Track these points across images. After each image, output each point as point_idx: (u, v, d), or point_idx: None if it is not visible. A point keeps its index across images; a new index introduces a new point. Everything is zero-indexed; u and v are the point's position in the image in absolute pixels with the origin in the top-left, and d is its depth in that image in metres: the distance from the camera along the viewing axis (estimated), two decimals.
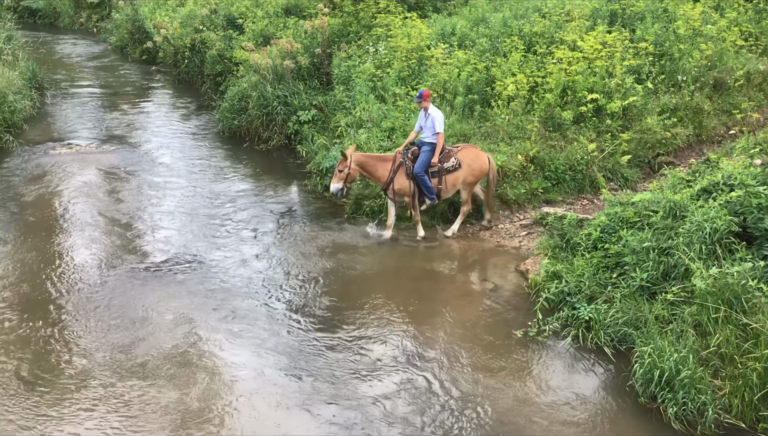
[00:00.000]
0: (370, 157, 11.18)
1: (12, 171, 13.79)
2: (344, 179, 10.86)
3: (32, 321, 8.56)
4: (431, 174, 10.83)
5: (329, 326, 8.69)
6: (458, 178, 10.93)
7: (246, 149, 15.62)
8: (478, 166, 11.00)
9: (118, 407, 7.07)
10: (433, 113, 10.81)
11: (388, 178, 10.88)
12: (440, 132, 10.77)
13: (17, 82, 16.71)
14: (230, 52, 18.34)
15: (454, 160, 10.91)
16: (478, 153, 11.18)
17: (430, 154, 10.79)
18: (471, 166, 10.97)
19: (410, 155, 10.97)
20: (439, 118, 10.79)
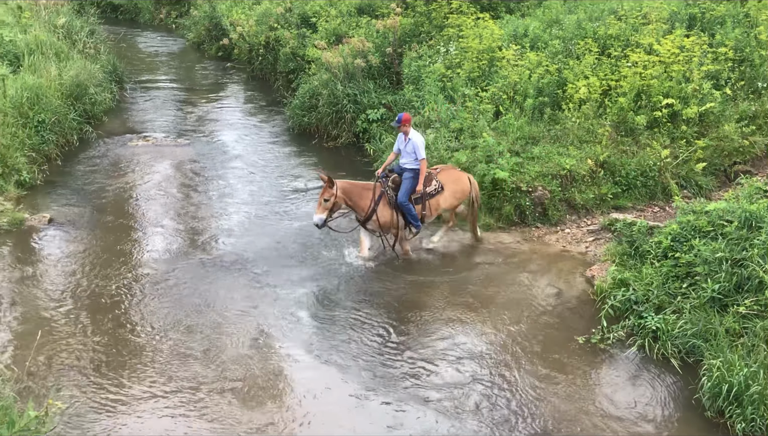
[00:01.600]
0: (354, 185, 10.36)
1: (91, 161, 14.30)
2: (329, 209, 9.94)
3: (105, 307, 8.86)
4: (415, 200, 10.24)
5: (390, 326, 8.71)
6: (440, 202, 10.49)
7: (315, 146, 15.80)
8: (460, 188, 10.63)
9: (182, 388, 7.25)
10: (414, 138, 10.17)
11: (369, 208, 10.09)
12: (423, 158, 10.16)
13: (98, 75, 17.28)
14: (303, 50, 18.58)
15: (435, 183, 10.43)
16: (459, 174, 10.84)
17: (413, 182, 10.15)
18: (453, 188, 10.58)
19: (391, 184, 10.28)
20: (421, 143, 10.16)
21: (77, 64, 16.62)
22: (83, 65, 16.77)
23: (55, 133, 14.14)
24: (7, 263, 9.89)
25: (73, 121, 15.01)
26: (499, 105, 13.40)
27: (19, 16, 18.31)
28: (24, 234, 10.78)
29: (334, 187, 9.87)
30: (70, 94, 15.38)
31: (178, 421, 6.75)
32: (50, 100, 14.29)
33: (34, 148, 13.25)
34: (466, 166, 11.83)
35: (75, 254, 10.36)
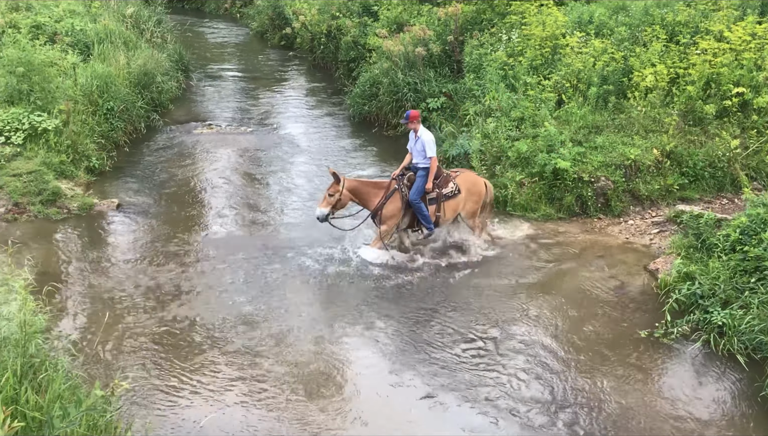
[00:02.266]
0: (363, 183, 10.37)
1: (157, 149, 14.64)
2: (333, 205, 9.91)
3: (169, 292, 9.07)
4: (429, 201, 10.06)
5: (449, 317, 8.68)
6: (458, 205, 10.24)
7: (375, 135, 15.85)
8: (477, 190, 10.36)
9: (243, 378, 7.38)
10: (423, 136, 10.01)
11: (379, 203, 10.05)
12: (432, 156, 9.98)
13: (165, 64, 17.67)
14: (364, 38, 18.62)
15: (452, 185, 10.19)
16: (476, 178, 10.60)
17: (424, 180, 10.02)
18: (470, 190, 10.31)
19: (406, 181, 10.16)
20: (430, 141, 9.99)
21: (145, 53, 17.01)
22: (151, 54, 17.15)
23: (123, 120, 14.53)
24: (77, 246, 10.22)
25: (141, 109, 15.40)
26: (562, 93, 13.19)
27: (90, 5, 18.82)
28: (93, 218, 11.12)
29: (341, 184, 9.85)
30: (138, 83, 15.78)
31: (238, 410, 6.85)
32: (119, 88, 14.67)
33: (103, 135, 13.64)
34: (527, 155, 11.69)
35: (141, 238, 10.64)
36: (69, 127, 12.61)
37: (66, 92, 13.28)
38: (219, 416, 6.62)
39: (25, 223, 10.68)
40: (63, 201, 11.30)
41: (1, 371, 4.88)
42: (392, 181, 10.18)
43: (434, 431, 6.69)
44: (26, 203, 10.98)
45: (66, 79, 13.73)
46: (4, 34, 15.05)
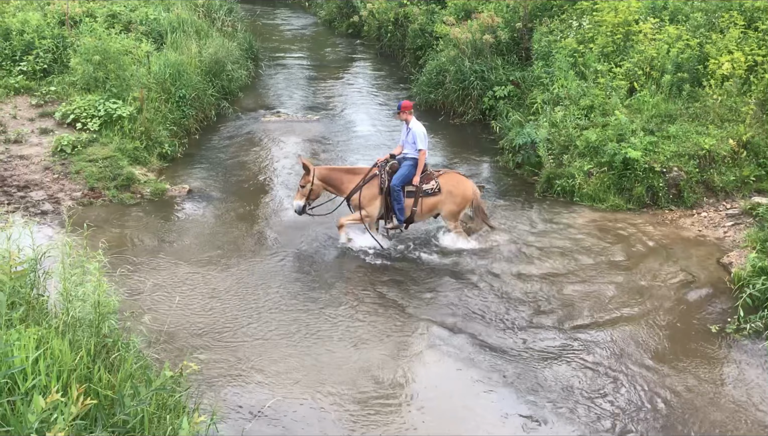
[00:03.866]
0: (335, 169, 10.27)
1: (227, 135, 14.92)
2: (307, 196, 9.88)
3: (237, 276, 9.25)
4: (407, 193, 9.85)
5: (516, 306, 8.61)
6: (436, 204, 9.97)
7: (441, 123, 15.78)
8: (460, 192, 10.01)
9: (307, 366, 7.48)
10: (414, 128, 9.82)
11: (356, 187, 9.88)
12: (422, 149, 9.79)
13: (235, 53, 17.96)
14: (431, 26, 18.54)
15: (434, 183, 9.93)
16: (461, 179, 10.26)
17: (411, 170, 9.83)
18: (452, 192, 9.97)
19: (388, 169, 9.95)
20: (420, 133, 9.78)
21: (216, 41, 17.33)
22: (221, 43, 17.46)
23: (194, 108, 14.85)
24: (149, 230, 10.52)
25: (211, 97, 15.70)
26: (634, 81, 12.86)
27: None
28: (165, 203, 11.42)
29: (311, 174, 9.77)
30: (209, 71, 16.08)
31: (300, 397, 6.94)
32: (190, 76, 14.99)
33: (175, 123, 13.97)
34: (596, 145, 11.46)
35: (211, 223, 10.88)
36: (143, 115, 12.97)
37: (140, 80, 13.66)
38: (282, 402, 6.72)
39: (100, 207, 11.03)
40: (136, 186, 11.64)
41: (76, 350, 5.07)
42: (373, 167, 10.01)
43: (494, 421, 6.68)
44: (101, 188, 11.35)
45: (140, 68, 14.12)
46: (81, 23, 15.55)
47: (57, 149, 12.03)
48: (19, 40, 14.74)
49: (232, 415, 6.43)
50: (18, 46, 14.71)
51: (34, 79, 14.43)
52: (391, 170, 9.94)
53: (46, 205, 10.57)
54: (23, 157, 11.88)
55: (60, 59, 14.75)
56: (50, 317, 5.80)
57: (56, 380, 4.64)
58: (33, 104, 13.62)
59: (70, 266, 5.83)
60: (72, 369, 4.82)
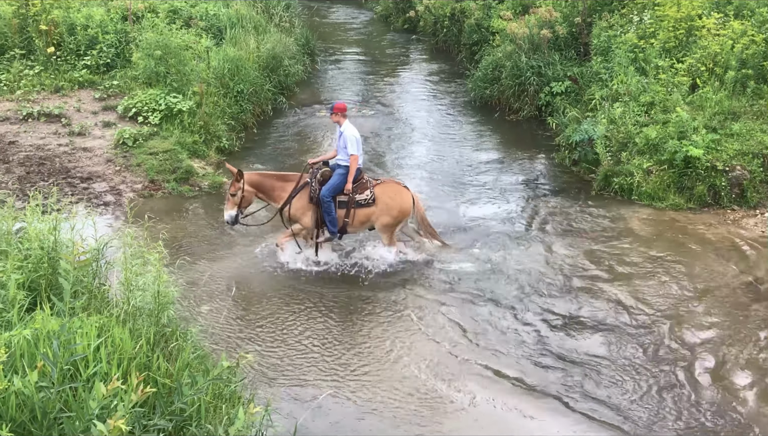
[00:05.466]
0: (266, 176, 9.55)
1: (283, 130, 15.09)
2: (238, 204, 9.15)
3: (292, 267, 9.35)
4: (339, 204, 9.21)
5: (572, 313, 8.47)
6: (370, 216, 9.30)
7: (496, 119, 15.66)
8: (397, 204, 9.29)
9: (365, 350, 7.53)
10: (346, 132, 9.20)
11: (288, 198, 9.25)
12: (353, 154, 9.12)
13: (292, 48, 18.13)
14: (488, 21, 18.41)
15: (368, 193, 9.25)
16: (400, 190, 9.48)
17: (342, 179, 9.16)
18: (388, 204, 9.26)
19: (319, 176, 9.31)
20: (352, 137, 9.15)
21: (273, 37, 17.52)
22: (279, 38, 17.65)
23: (252, 102, 15.05)
24: (207, 222, 10.70)
25: (268, 92, 15.89)
26: (697, 77, 12.54)
27: None
28: (222, 196, 11.58)
29: (241, 181, 9.12)
30: (267, 66, 16.27)
31: (354, 391, 6.99)
32: (248, 71, 15.19)
33: (233, 117, 14.19)
34: (656, 142, 11.22)
35: (266, 216, 10.98)
36: (202, 109, 13.21)
37: (199, 75, 13.91)
38: (336, 395, 6.79)
39: (160, 199, 11.27)
40: (195, 179, 11.87)
41: (136, 339, 5.20)
42: (302, 174, 9.42)
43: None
44: (161, 180, 11.60)
45: (200, 63, 14.38)
46: (143, 18, 15.90)
47: (119, 142, 12.34)
48: (83, 35, 15.16)
49: (286, 407, 6.51)
50: (82, 41, 15.13)
51: (98, 74, 14.82)
52: (323, 178, 9.30)
53: (108, 196, 10.85)
54: (87, 150, 12.22)
55: (122, 54, 15.12)
56: (111, 306, 5.96)
57: (117, 368, 4.76)
58: (96, 98, 14.01)
59: (131, 256, 5.97)
60: (132, 357, 4.94)
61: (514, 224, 10.71)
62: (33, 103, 13.60)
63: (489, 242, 10.03)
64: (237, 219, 9.26)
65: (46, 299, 5.76)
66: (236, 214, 9.20)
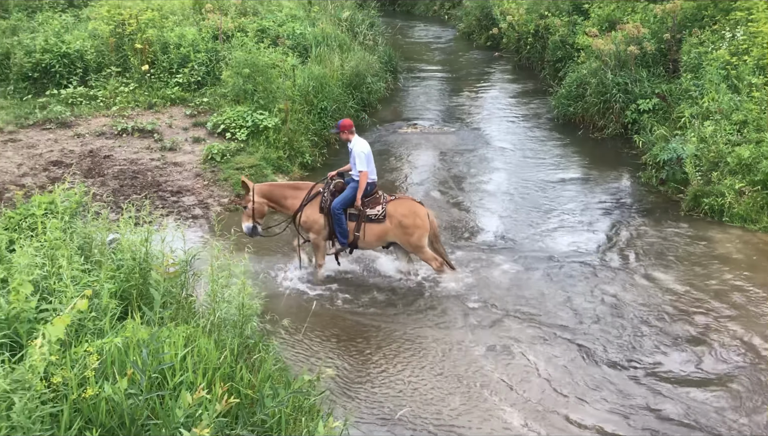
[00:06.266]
0: (276, 186, 9.71)
1: None
2: (251, 216, 9.29)
3: (375, 283, 9.42)
4: (349, 216, 9.22)
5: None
6: (382, 233, 9.23)
7: (579, 137, 15.41)
8: (410, 223, 9.16)
9: (443, 367, 7.51)
10: (355, 148, 9.20)
11: (299, 206, 9.32)
12: (362, 170, 9.12)
13: (375, 66, 18.35)
14: (573, 37, 18.18)
15: (380, 209, 9.21)
16: (414, 207, 9.33)
17: (354, 193, 9.19)
18: (402, 223, 9.17)
19: (332, 187, 9.35)
20: (360, 153, 9.11)
21: (357, 55, 17.78)
22: (362, 56, 17.90)
23: (335, 119, 15.26)
24: (290, 236, 10.88)
25: (351, 109, 16.10)
26: None
27: (309, 10, 19.98)
28: None
29: (250, 194, 9.24)
30: (350, 84, 16.52)
31: (432, 406, 6.98)
32: (332, 88, 15.46)
33: (316, 133, 14.44)
34: (749, 162, 10.81)
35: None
36: (286, 125, 13.51)
37: (285, 92, 14.23)
38: (414, 411, 6.79)
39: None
40: None
41: (221, 349, 5.35)
42: (315, 184, 9.53)
43: None
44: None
45: (286, 80, 14.71)
46: (233, 37, 16.40)
47: (207, 157, 12.73)
48: (176, 54, 15.79)
49: (364, 421, 6.55)
50: (175, 60, 15.76)
51: (189, 91, 15.39)
52: (335, 190, 9.35)
53: (196, 209, 11.20)
54: (177, 164, 12.66)
55: (212, 72, 15.66)
56: (198, 317, 6.15)
57: (202, 377, 4.91)
58: (187, 114, 14.53)
59: (217, 268, 6.15)
60: (216, 368, 5.08)
61: (599, 247, 10.41)
62: (127, 119, 14.22)
63: (571, 269, 9.69)
64: (255, 230, 9.40)
65: (137, 308, 5.99)
66: (253, 226, 9.35)
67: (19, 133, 13.64)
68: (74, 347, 4.82)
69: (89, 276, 5.84)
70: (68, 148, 12.95)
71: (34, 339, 4.49)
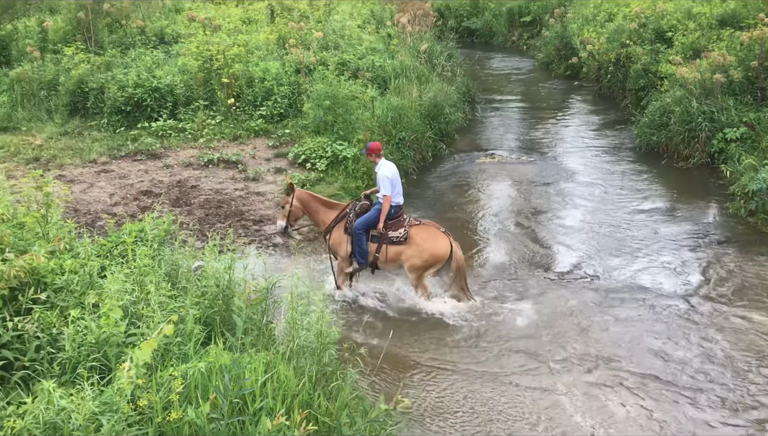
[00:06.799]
0: (314, 198, 9.94)
1: (442, 175, 15.31)
2: (287, 217, 9.74)
3: (449, 311, 9.39)
4: (372, 238, 9.37)
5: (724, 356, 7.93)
6: (400, 255, 9.32)
7: (662, 166, 15.05)
8: (428, 247, 9.24)
9: (522, 402, 7.42)
10: (380, 172, 9.36)
11: (330, 225, 9.61)
12: (386, 194, 9.24)
13: (453, 97, 18.44)
14: (656, 66, 17.84)
15: (402, 232, 9.33)
16: (435, 234, 9.40)
17: (377, 215, 9.32)
18: (420, 246, 9.26)
19: (357, 209, 9.58)
20: (384, 177, 9.26)
21: (435, 86, 17.92)
22: (440, 87, 18.03)
23: (413, 149, 15.42)
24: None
25: (429, 139, 16.22)
26: None
27: (389, 43, 20.29)
28: None
29: (291, 196, 9.68)
30: (428, 114, 16.65)
31: None
32: (410, 119, 15.61)
33: (394, 163, 14.55)
34: None
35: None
36: (365, 156, 13.70)
37: (364, 123, 14.48)
38: None
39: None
40: None
41: (299, 376, 5.45)
42: (348, 205, 9.81)
43: None
44: None
45: (365, 111, 14.96)
46: (315, 70, 16.82)
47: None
48: (260, 87, 16.31)
49: None
50: (259, 93, 16.28)
51: (272, 123, 15.85)
52: (360, 211, 9.60)
53: (277, 238, 11.44)
54: (259, 194, 13.01)
55: (294, 104, 16.11)
56: (277, 344, 6.29)
57: (281, 404, 5.01)
58: (270, 145, 14.95)
59: (297, 296, 6.29)
60: (295, 394, 5.18)
61: (687, 284, 9.99)
62: (213, 151, 14.73)
63: (658, 309, 9.30)
64: (286, 230, 9.92)
65: (220, 334, 6.17)
66: (285, 226, 9.83)
67: (112, 164, 14.31)
68: (160, 371, 5.01)
69: (175, 302, 6.07)
70: (157, 179, 13.50)
71: (123, 363, 4.69)
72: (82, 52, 18.09)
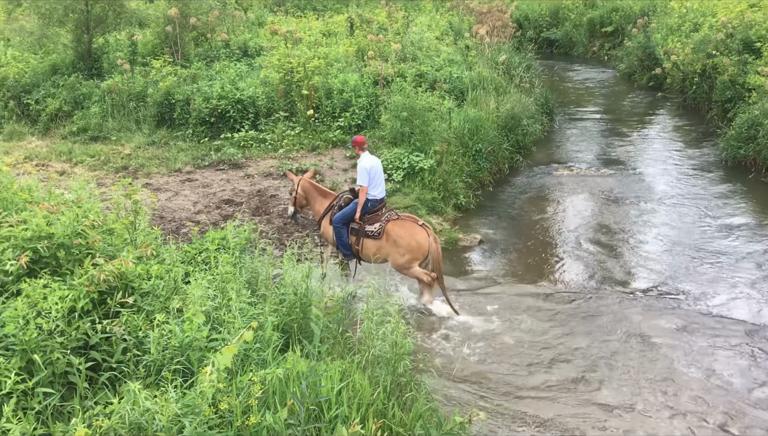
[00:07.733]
0: (314, 187, 10.40)
1: (518, 187, 15.18)
2: (294, 203, 10.36)
3: (524, 329, 9.32)
4: (351, 230, 9.67)
5: None
6: (380, 250, 9.51)
7: (750, 181, 14.53)
8: (405, 243, 9.36)
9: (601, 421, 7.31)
10: (360, 163, 9.63)
11: (321, 216, 10.09)
12: (362, 185, 9.51)
13: (531, 108, 18.26)
14: (743, 77, 17.24)
15: (378, 226, 9.53)
16: (413, 229, 9.50)
17: (355, 208, 9.62)
18: (397, 242, 9.40)
19: (341, 202, 9.91)
20: (362, 169, 9.51)
21: (513, 97, 17.80)
22: (518, 99, 17.90)
23: (489, 161, 15.35)
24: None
25: (506, 151, 16.13)
26: None
27: (466, 55, 20.28)
28: (458, 252, 11.90)
29: (296, 184, 10.23)
30: (505, 126, 16.55)
31: None
32: (487, 131, 15.56)
33: (470, 175, 14.56)
34: None
35: (501, 276, 11.07)
36: (441, 167, 13.74)
37: (441, 135, 14.50)
38: None
39: None
40: None
41: (374, 386, 5.51)
42: (338, 196, 10.14)
43: None
44: None
45: (442, 123, 14.99)
46: (392, 82, 16.96)
47: None
48: (338, 99, 16.57)
49: None
50: (338, 104, 16.53)
51: (350, 134, 16.05)
52: (344, 204, 9.90)
53: None
54: None
55: (372, 115, 16.29)
56: (353, 353, 6.37)
57: (356, 412, 5.08)
58: (347, 156, 15.16)
59: (373, 306, 6.36)
60: (370, 403, 5.25)
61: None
62: (292, 161, 15.04)
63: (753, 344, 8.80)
64: (295, 215, 10.60)
65: (297, 341, 6.30)
66: (294, 211, 10.50)
67: (196, 173, 14.79)
68: (240, 376, 5.15)
69: (255, 309, 6.23)
70: (239, 188, 13.87)
71: (205, 367, 4.85)
72: (169, 64, 18.78)
